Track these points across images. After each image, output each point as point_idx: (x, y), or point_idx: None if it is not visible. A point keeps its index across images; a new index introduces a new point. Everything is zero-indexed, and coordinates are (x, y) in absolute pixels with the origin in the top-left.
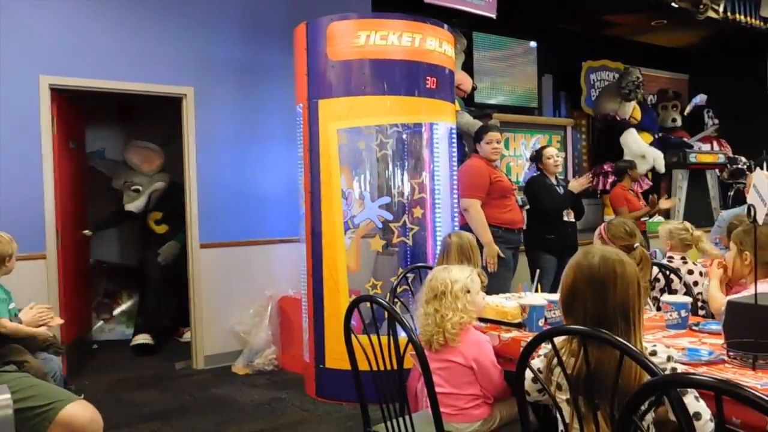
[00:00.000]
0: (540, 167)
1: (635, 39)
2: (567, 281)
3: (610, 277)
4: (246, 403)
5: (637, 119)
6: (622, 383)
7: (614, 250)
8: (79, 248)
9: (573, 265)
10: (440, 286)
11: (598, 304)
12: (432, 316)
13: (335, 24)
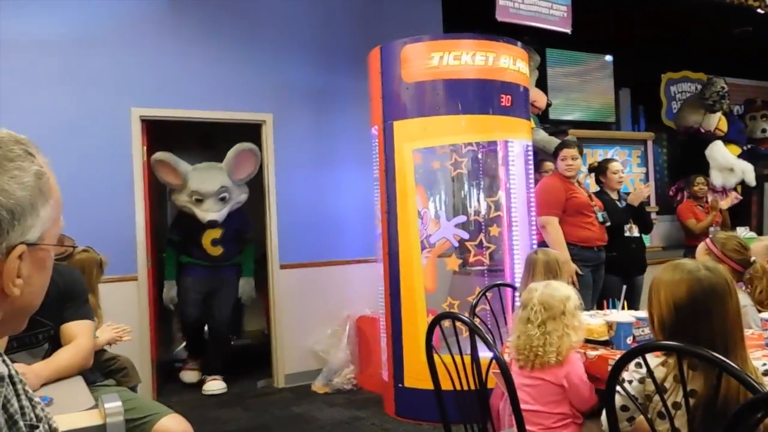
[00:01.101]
0: (602, 180)
1: (718, 48)
2: (679, 300)
3: (727, 286)
4: (326, 422)
5: (723, 131)
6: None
7: (706, 260)
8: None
9: (680, 280)
10: (556, 304)
11: (722, 318)
12: (545, 335)
13: (409, 47)
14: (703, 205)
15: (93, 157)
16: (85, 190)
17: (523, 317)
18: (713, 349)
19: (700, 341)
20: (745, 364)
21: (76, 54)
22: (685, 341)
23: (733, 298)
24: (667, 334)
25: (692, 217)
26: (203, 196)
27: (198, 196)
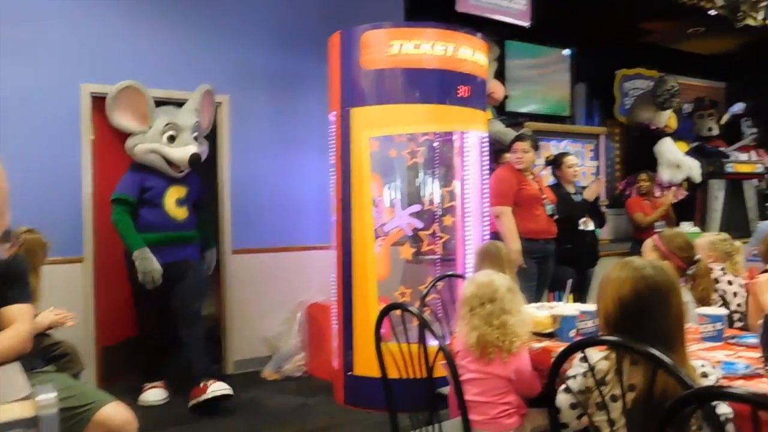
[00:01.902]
0: (557, 174)
1: (671, 47)
2: (625, 297)
3: (671, 284)
4: (275, 409)
5: (673, 128)
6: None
7: (653, 259)
8: None
9: (627, 278)
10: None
11: (664, 316)
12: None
13: (369, 33)
14: (650, 200)
15: (40, 132)
16: (31, 167)
17: (496, 310)
18: (654, 346)
19: (642, 337)
20: (683, 362)
21: (25, 26)
22: (628, 337)
23: (676, 297)
24: (612, 329)
25: (640, 211)
26: (179, 129)
27: (173, 129)
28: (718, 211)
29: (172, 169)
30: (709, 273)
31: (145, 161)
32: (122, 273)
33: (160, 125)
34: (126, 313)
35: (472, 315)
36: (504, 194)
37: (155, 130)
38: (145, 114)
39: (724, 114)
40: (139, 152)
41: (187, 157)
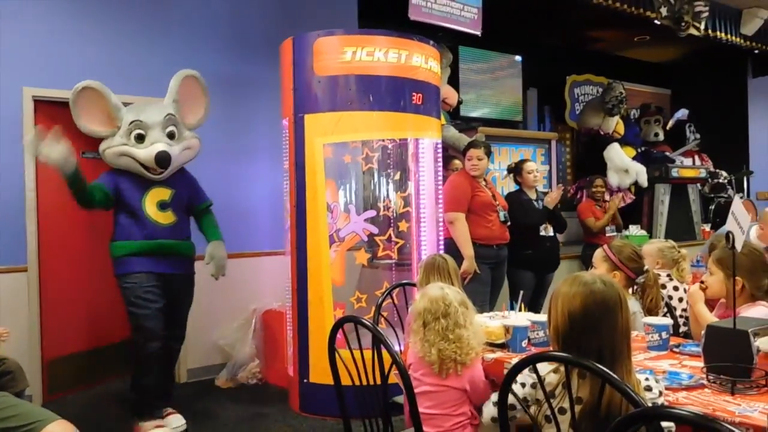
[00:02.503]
0: (519, 180)
1: (619, 54)
2: (574, 311)
3: (618, 300)
4: (229, 418)
5: (621, 133)
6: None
7: (605, 275)
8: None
9: (577, 293)
10: (464, 311)
11: (611, 331)
12: (456, 342)
13: (322, 39)
14: (601, 205)
15: None
16: None
17: (449, 325)
18: (600, 359)
19: (589, 351)
20: (629, 376)
21: None
22: (576, 350)
23: (623, 312)
24: (561, 342)
25: (591, 216)
26: (146, 127)
27: (139, 127)
28: (664, 215)
29: (148, 171)
30: (657, 283)
31: (118, 165)
32: (69, 283)
33: (125, 125)
34: (74, 324)
35: (427, 330)
36: (458, 200)
37: (122, 131)
38: (110, 115)
39: (668, 120)
40: (110, 156)
41: (153, 156)
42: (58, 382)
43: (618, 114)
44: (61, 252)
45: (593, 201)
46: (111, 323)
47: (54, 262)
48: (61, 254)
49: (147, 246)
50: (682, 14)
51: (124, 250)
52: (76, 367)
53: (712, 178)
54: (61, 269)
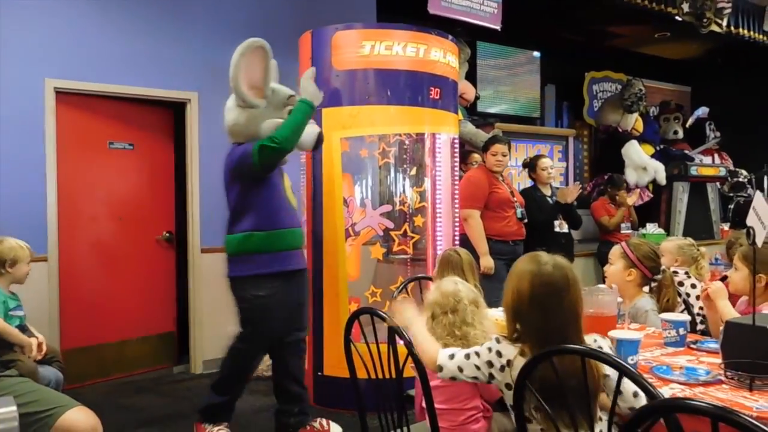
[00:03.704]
0: (533, 176)
1: (638, 51)
2: (522, 289)
3: (565, 282)
4: (244, 409)
5: (639, 131)
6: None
7: (559, 257)
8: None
9: (527, 273)
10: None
11: (557, 310)
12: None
13: (340, 33)
14: (615, 204)
15: (2, 128)
16: None
17: (456, 321)
18: (546, 338)
19: (536, 329)
20: None
21: None
22: (524, 327)
23: (570, 295)
24: (511, 319)
25: (605, 214)
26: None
27: (291, 104)
28: (682, 214)
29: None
30: (673, 283)
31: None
32: (90, 274)
33: (283, 97)
34: (94, 316)
35: (435, 323)
36: (474, 197)
37: (276, 103)
38: (258, 84)
39: (688, 118)
40: (266, 129)
41: (315, 137)
42: (74, 372)
43: (637, 111)
44: (82, 243)
45: (608, 199)
46: (131, 317)
47: (74, 252)
48: (81, 245)
49: (298, 235)
50: (704, 10)
51: (285, 242)
52: (94, 358)
53: (732, 177)
54: (81, 260)
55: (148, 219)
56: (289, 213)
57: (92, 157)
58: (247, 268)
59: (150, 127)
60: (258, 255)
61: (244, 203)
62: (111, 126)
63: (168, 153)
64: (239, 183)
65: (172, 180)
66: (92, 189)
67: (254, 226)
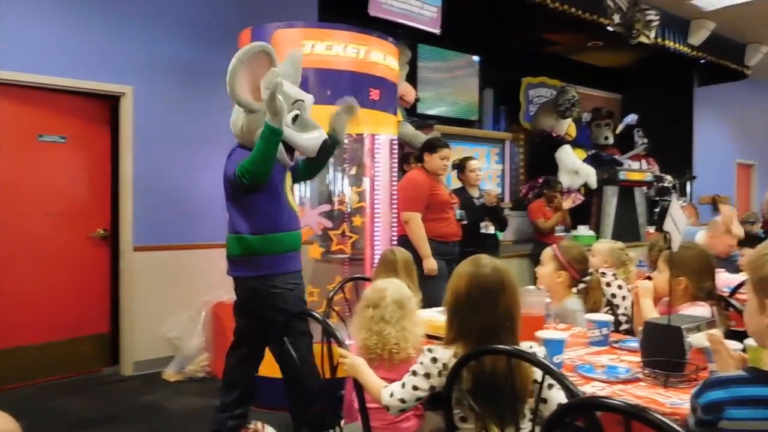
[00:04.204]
0: (461, 178)
1: (573, 58)
2: (460, 290)
3: (501, 285)
4: (176, 411)
5: (572, 136)
6: (520, 384)
7: (497, 261)
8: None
9: (465, 274)
10: (407, 303)
11: (491, 311)
12: (402, 332)
13: (281, 31)
14: (551, 206)
15: None
16: None
17: (375, 316)
18: (480, 338)
19: (471, 328)
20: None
21: None
22: (461, 326)
23: (505, 297)
24: (449, 318)
25: (541, 216)
26: (302, 108)
27: (299, 108)
28: (611, 216)
29: (288, 157)
30: (600, 286)
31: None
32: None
33: (288, 102)
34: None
35: (359, 316)
36: (415, 199)
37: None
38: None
39: (618, 124)
40: (249, 130)
41: (318, 145)
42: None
43: (570, 117)
44: (6, 240)
45: (545, 201)
46: (61, 318)
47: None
48: (5, 242)
49: (297, 238)
50: (633, 22)
51: (282, 245)
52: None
53: (658, 182)
54: (5, 258)
55: (81, 215)
56: (288, 216)
57: (19, 149)
58: (248, 269)
59: (85, 120)
60: (256, 257)
61: (241, 206)
62: (41, 118)
63: (105, 147)
64: (231, 189)
65: (108, 175)
66: (18, 183)
67: (251, 229)
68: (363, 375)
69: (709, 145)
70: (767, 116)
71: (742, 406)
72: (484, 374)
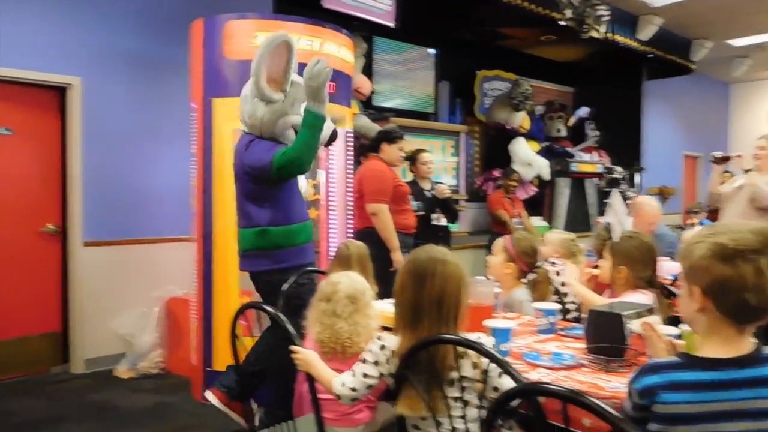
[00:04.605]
0: (413, 170)
1: (527, 52)
2: (399, 275)
3: (428, 272)
4: (129, 409)
5: (526, 128)
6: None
7: (443, 251)
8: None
9: (408, 260)
10: (361, 297)
11: (417, 293)
12: (354, 327)
13: (233, 23)
14: (511, 198)
15: None
16: None
17: (328, 310)
18: (403, 318)
19: (402, 314)
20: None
21: None
22: (398, 307)
23: (433, 283)
24: (395, 305)
25: (501, 207)
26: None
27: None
28: (564, 207)
29: None
30: (547, 280)
31: (279, 137)
32: None
33: (298, 94)
34: None
35: (312, 310)
36: (382, 191)
37: (297, 98)
38: (279, 78)
39: (571, 117)
40: (282, 126)
41: (329, 135)
42: None
43: (524, 110)
44: None
45: (504, 192)
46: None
47: None
48: None
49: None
50: (584, 17)
51: (302, 236)
52: None
53: (608, 174)
54: None
55: (30, 210)
56: (302, 205)
57: None
58: (265, 263)
59: (32, 111)
60: (278, 250)
61: (262, 198)
62: None
63: (54, 140)
64: (253, 181)
65: (58, 168)
66: None
67: (270, 221)
68: (315, 369)
69: (658, 137)
70: (711, 110)
71: (675, 390)
72: (433, 364)
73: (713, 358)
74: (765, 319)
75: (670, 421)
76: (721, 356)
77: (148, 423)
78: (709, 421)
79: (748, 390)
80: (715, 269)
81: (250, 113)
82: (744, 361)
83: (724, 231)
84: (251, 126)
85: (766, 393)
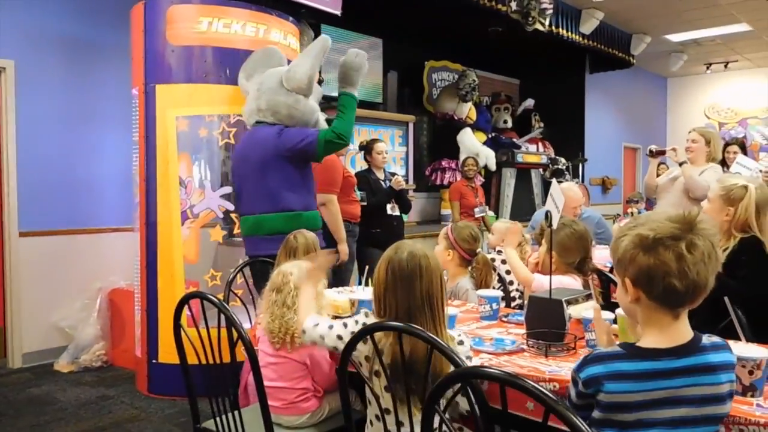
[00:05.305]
0: (368, 159)
1: (474, 43)
2: (380, 275)
3: (416, 270)
4: (69, 403)
5: (473, 119)
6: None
7: (421, 247)
8: None
9: (384, 259)
10: (280, 282)
11: (407, 295)
12: (273, 314)
13: (176, 7)
14: (473, 186)
15: None
16: None
17: (278, 301)
18: (397, 317)
19: (389, 309)
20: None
21: None
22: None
23: (422, 280)
24: (375, 300)
25: (459, 198)
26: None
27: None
28: (510, 197)
29: None
30: (487, 265)
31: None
32: None
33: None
34: None
35: (263, 300)
36: (332, 181)
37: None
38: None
39: (517, 108)
40: (310, 110)
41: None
42: None
43: (471, 100)
44: None
45: (465, 180)
46: None
47: None
48: None
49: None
50: (529, 10)
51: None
52: None
53: (553, 164)
54: None
55: None
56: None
57: None
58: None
59: None
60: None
61: (294, 182)
62: None
63: None
64: (290, 164)
65: None
66: None
67: (304, 206)
68: (301, 296)
69: (599, 129)
70: (650, 103)
71: (618, 380)
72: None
73: (653, 348)
74: (696, 302)
75: (613, 409)
76: (660, 346)
77: (89, 417)
78: (650, 408)
79: (685, 378)
80: (640, 260)
81: (290, 105)
82: (680, 351)
83: (644, 222)
84: (287, 116)
85: (701, 380)
